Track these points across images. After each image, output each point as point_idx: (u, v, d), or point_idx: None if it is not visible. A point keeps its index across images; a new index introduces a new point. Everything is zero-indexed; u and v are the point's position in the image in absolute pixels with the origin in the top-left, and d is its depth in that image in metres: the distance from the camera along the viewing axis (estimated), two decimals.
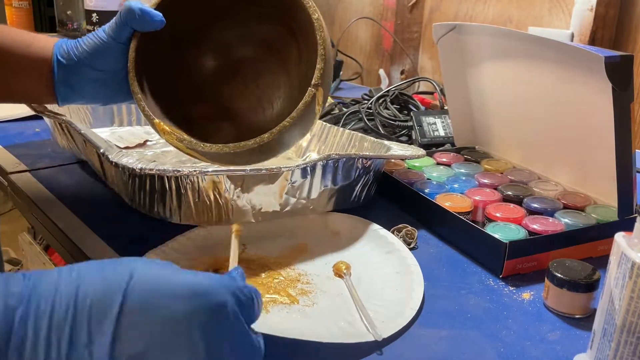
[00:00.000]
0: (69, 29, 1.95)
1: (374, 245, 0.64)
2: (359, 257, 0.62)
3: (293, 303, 0.54)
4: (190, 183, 0.59)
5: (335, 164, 0.65)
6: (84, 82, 0.59)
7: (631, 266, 0.39)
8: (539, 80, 0.75)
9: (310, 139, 0.88)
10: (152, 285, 0.33)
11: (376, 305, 0.53)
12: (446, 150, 0.90)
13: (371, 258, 0.62)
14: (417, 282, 0.56)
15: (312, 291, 0.56)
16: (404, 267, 0.59)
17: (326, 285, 0.57)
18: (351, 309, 0.53)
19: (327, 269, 0.60)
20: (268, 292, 0.55)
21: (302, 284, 0.57)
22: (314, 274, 0.59)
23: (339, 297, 0.55)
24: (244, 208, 0.62)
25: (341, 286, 0.57)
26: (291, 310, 0.52)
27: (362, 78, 1.66)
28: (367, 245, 0.64)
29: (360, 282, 0.57)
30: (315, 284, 0.57)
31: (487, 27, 0.81)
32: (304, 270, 0.59)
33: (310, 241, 0.65)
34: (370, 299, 0.54)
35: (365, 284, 0.57)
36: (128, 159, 0.58)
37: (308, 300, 0.54)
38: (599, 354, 0.43)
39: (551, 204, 0.70)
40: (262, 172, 0.60)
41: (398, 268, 0.59)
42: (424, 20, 1.51)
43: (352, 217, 0.68)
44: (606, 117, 0.63)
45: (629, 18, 1.11)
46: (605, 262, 0.44)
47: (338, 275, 0.59)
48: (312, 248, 0.64)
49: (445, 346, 0.49)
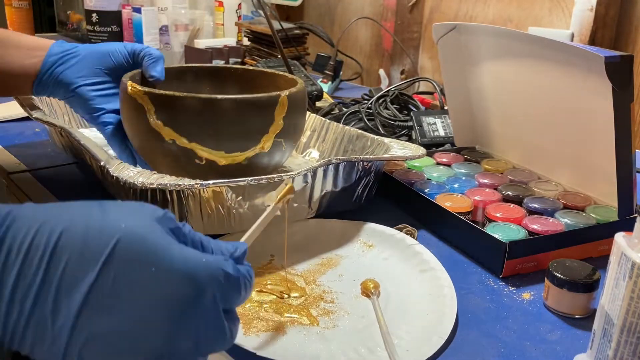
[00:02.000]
0: (69, 29, 1.95)
1: (408, 262, 0.60)
2: (390, 274, 0.59)
3: (313, 324, 0.51)
4: (192, 194, 0.59)
5: (336, 168, 0.65)
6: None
7: (631, 266, 0.39)
8: (539, 80, 0.75)
9: (310, 135, 0.88)
10: (141, 254, 0.32)
11: (402, 330, 0.51)
12: (446, 150, 0.90)
13: (404, 277, 0.59)
14: (449, 307, 0.52)
15: (334, 311, 0.53)
16: (437, 289, 0.55)
17: (351, 305, 0.54)
18: (374, 333, 0.50)
19: (355, 286, 0.57)
20: (288, 311, 0.53)
21: (325, 302, 0.54)
22: (339, 292, 0.56)
23: (363, 319, 0.52)
24: (246, 216, 0.61)
25: (367, 307, 0.54)
26: (309, 333, 0.50)
27: (362, 78, 1.66)
28: (401, 262, 0.61)
29: (389, 303, 0.55)
30: (340, 304, 0.54)
31: (487, 27, 0.81)
32: (330, 287, 0.57)
33: (341, 254, 0.63)
34: (397, 323, 0.51)
35: (393, 305, 0.54)
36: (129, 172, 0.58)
37: (329, 321, 0.52)
38: (599, 354, 0.43)
39: (551, 204, 0.70)
40: (263, 181, 0.59)
41: (431, 289, 0.56)
42: (424, 20, 1.51)
43: (387, 229, 0.65)
44: (606, 117, 0.63)
45: (629, 18, 1.11)
46: (605, 262, 0.44)
47: (365, 295, 0.56)
48: (342, 262, 0.62)
49: (445, 346, 0.49)
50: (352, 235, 0.65)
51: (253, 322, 0.51)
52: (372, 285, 0.56)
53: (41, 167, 0.82)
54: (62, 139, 0.79)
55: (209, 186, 0.57)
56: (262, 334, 0.49)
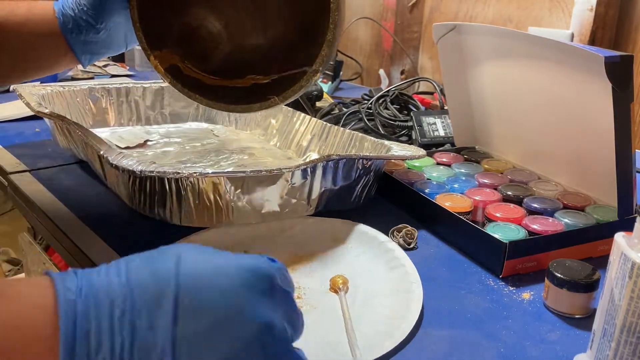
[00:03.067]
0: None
1: (380, 259, 0.61)
2: (361, 271, 0.59)
3: None
4: (190, 185, 0.59)
5: (335, 165, 0.65)
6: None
7: (631, 266, 0.39)
8: (539, 80, 0.75)
9: (311, 139, 0.88)
10: (200, 264, 0.34)
11: (366, 326, 0.51)
12: (446, 150, 0.90)
13: (374, 273, 0.59)
14: (414, 302, 0.52)
15: (301, 307, 0.51)
16: (406, 285, 0.55)
17: (318, 300, 0.55)
18: (337, 328, 0.50)
19: (324, 282, 0.57)
20: None
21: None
22: (308, 288, 0.57)
23: (328, 314, 0.53)
24: (244, 209, 0.62)
25: (334, 302, 0.54)
26: None
27: (362, 78, 1.66)
28: (373, 259, 0.61)
29: (356, 299, 0.55)
30: (307, 299, 0.55)
31: (487, 27, 0.81)
32: (298, 283, 0.57)
33: (314, 250, 0.63)
34: (362, 319, 0.52)
35: (360, 301, 0.55)
36: (128, 160, 0.58)
37: None
38: (599, 354, 0.43)
39: (551, 204, 0.70)
40: (262, 173, 0.60)
41: (399, 285, 0.56)
42: (424, 20, 1.51)
43: (361, 226, 0.65)
44: (606, 117, 0.63)
45: (629, 18, 1.11)
46: (605, 262, 0.44)
47: (333, 290, 0.56)
48: (313, 258, 0.62)
49: (445, 346, 0.49)
50: (325, 232, 0.66)
51: None
52: (340, 281, 0.56)
53: (41, 167, 0.82)
54: (64, 134, 0.79)
55: (207, 176, 0.57)
56: None
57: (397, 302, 0.54)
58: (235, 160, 0.86)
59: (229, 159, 0.87)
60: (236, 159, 0.87)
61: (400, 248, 0.61)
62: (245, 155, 0.88)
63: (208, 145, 0.94)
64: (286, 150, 0.92)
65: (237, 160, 0.86)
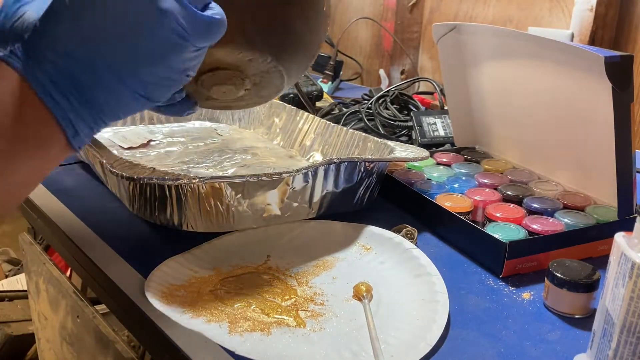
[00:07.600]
0: None
1: (405, 266, 0.59)
2: (385, 278, 0.58)
3: (299, 326, 0.50)
4: (190, 190, 0.59)
5: (337, 168, 0.65)
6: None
7: (631, 266, 0.39)
8: (539, 80, 0.75)
9: (314, 138, 0.88)
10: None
11: (391, 335, 0.50)
12: (446, 150, 0.90)
13: (398, 281, 0.57)
14: (440, 313, 0.51)
15: (323, 314, 0.52)
16: (431, 294, 0.54)
17: (341, 308, 0.53)
18: (361, 337, 0.49)
19: (348, 289, 0.56)
20: (276, 312, 0.52)
21: (315, 304, 0.53)
22: (331, 294, 0.55)
23: (351, 322, 0.51)
24: (245, 214, 0.61)
25: (358, 310, 0.53)
26: (294, 335, 0.49)
27: (362, 78, 1.66)
28: (397, 266, 0.60)
29: (380, 308, 0.53)
30: (330, 306, 0.54)
31: (487, 27, 0.81)
32: (322, 289, 0.56)
33: (338, 257, 0.62)
34: (386, 328, 0.50)
35: (384, 309, 0.53)
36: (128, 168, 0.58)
37: (316, 324, 0.51)
38: (599, 354, 0.43)
39: (551, 204, 0.70)
40: (263, 178, 0.59)
41: (424, 294, 0.54)
42: (424, 20, 1.51)
43: (386, 232, 0.64)
44: (606, 117, 0.63)
45: (629, 18, 1.11)
46: (605, 262, 0.44)
47: (357, 298, 0.55)
48: (337, 264, 0.61)
49: (445, 346, 0.49)
50: (350, 237, 0.65)
51: (239, 322, 0.50)
52: (364, 288, 0.55)
53: None
54: None
55: (207, 182, 0.57)
56: (245, 334, 0.49)
57: (422, 311, 0.52)
58: (238, 161, 0.86)
59: (232, 159, 0.87)
60: (239, 159, 0.87)
61: (425, 255, 0.60)
62: (248, 155, 0.88)
63: (211, 144, 0.94)
64: (289, 150, 0.92)
65: (240, 160, 0.86)
